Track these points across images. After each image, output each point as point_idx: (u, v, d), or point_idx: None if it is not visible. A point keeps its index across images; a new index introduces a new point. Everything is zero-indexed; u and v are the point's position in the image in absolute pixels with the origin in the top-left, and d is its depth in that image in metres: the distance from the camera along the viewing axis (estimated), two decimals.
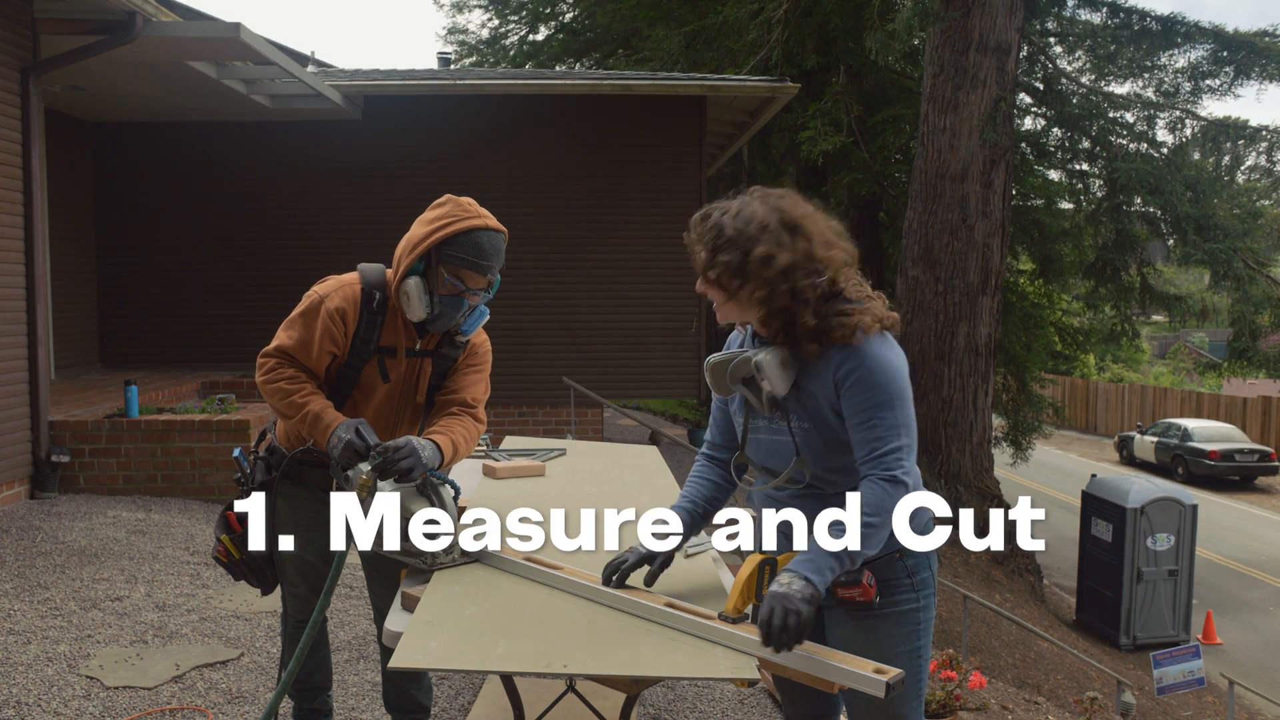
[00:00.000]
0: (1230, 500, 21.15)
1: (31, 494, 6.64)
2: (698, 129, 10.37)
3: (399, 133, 10.15)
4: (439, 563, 2.43)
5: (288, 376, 2.66)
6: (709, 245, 2.09)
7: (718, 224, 2.09)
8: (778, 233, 2.05)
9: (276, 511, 2.88)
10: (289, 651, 3.11)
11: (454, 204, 2.69)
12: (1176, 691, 7.34)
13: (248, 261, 10.27)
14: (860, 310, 2.08)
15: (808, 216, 2.10)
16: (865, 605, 2.16)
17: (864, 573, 2.14)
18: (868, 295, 2.14)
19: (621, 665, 1.98)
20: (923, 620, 2.25)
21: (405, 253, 2.68)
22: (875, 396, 2.06)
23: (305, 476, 2.84)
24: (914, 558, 2.23)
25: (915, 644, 2.24)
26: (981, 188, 11.92)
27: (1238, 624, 13.61)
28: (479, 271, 2.65)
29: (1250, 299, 12.07)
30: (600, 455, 4.08)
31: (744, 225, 2.06)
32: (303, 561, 2.91)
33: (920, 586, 2.24)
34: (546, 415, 10.32)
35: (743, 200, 2.11)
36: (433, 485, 2.52)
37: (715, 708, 3.95)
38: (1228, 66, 12.61)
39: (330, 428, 2.58)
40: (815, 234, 2.09)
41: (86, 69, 7.62)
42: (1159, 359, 42.44)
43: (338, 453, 2.52)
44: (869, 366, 2.06)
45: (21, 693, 3.67)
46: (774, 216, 2.06)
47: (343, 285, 2.75)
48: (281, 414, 2.69)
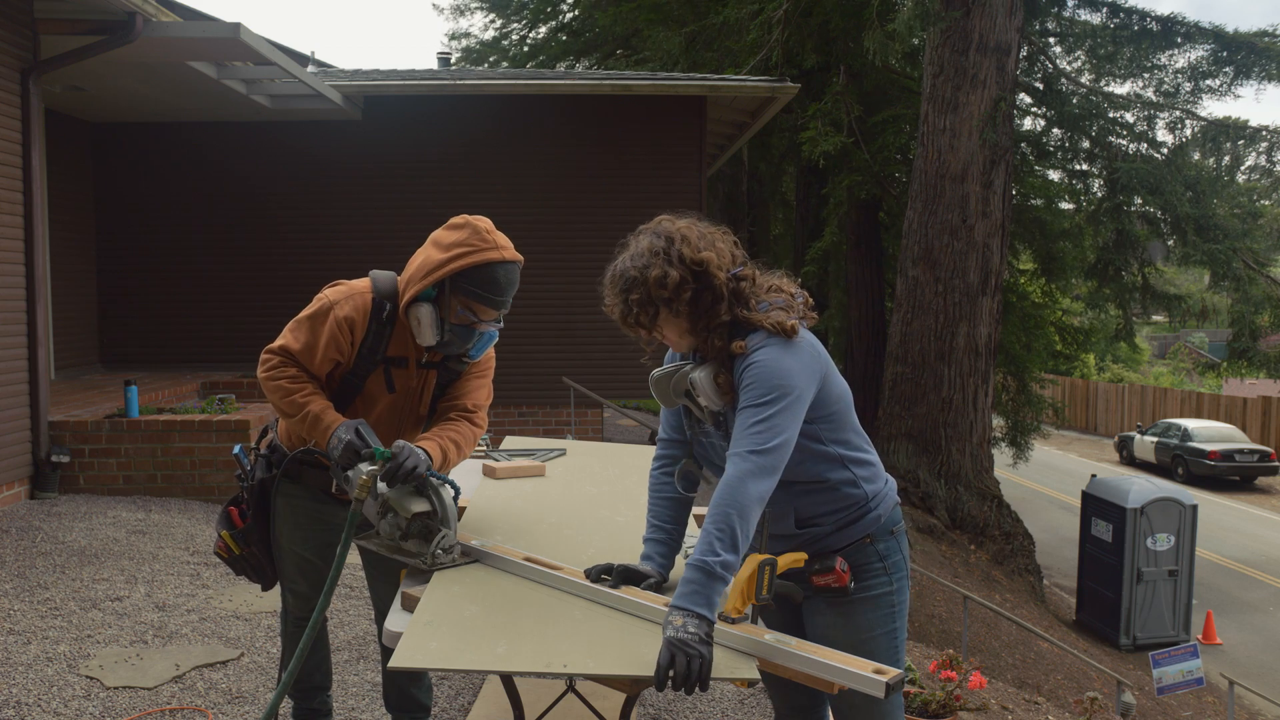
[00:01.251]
0: (1230, 500, 21.15)
1: (31, 494, 6.64)
2: (698, 129, 10.37)
3: (399, 133, 10.15)
4: (439, 563, 2.43)
5: (289, 376, 2.65)
6: (621, 292, 2.19)
7: (620, 270, 2.20)
8: (663, 253, 2.15)
9: (276, 509, 2.88)
10: (289, 650, 3.12)
11: (472, 230, 2.60)
12: (1176, 691, 7.33)
13: (248, 262, 10.27)
14: (761, 316, 2.17)
15: (684, 228, 2.20)
16: (840, 591, 2.22)
17: (836, 559, 2.21)
18: (772, 301, 2.21)
19: (621, 665, 1.98)
20: (897, 603, 2.31)
21: (419, 276, 2.61)
22: (753, 395, 2.11)
23: (306, 476, 2.84)
24: (884, 541, 2.30)
25: (891, 626, 2.29)
26: (981, 188, 11.93)
27: (1238, 624, 13.61)
28: (493, 306, 2.61)
29: (1250, 299, 12.08)
30: (600, 455, 4.08)
31: (637, 259, 2.17)
32: (302, 559, 2.91)
33: (893, 570, 2.30)
34: (546, 415, 10.32)
35: (634, 239, 2.23)
36: (433, 486, 2.51)
37: (715, 708, 3.96)
38: (1227, 67, 12.62)
39: (330, 428, 2.57)
40: (691, 240, 2.18)
41: (86, 69, 7.62)
42: (1159, 359, 42.44)
43: (338, 453, 2.52)
44: (755, 368, 2.13)
45: (21, 693, 3.67)
46: (657, 241, 2.18)
47: (354, 293, 2.70)
48: (282, 412, 2.69)
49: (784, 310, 2.19)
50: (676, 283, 2.13)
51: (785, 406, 2.08)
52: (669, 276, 2.13)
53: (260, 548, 2.91)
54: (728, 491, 2.03)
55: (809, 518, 2.27)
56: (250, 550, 2.91)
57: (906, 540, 2.39)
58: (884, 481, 2.35)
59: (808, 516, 2.27)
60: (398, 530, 2.51)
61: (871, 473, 2.31)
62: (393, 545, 2.55)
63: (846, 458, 2.26)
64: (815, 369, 2.18)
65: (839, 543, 2.27)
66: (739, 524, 2.00)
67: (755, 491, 2.03)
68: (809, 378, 2.16)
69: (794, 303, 2.24)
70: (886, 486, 2.35)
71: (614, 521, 2.97)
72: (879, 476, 2.33)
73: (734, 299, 2.19)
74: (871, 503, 2.28)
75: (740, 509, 2.01)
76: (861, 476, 2.27)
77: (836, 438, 2.25)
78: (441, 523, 2.49)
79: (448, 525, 2.48)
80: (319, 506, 2.86)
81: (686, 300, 2.15)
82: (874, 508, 2.29)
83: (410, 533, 2.51)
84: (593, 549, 2.64)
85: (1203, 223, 11.95)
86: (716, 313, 2.17)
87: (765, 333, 2.16)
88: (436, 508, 2.50)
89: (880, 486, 2.32)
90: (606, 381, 10.31)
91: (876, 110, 14.60)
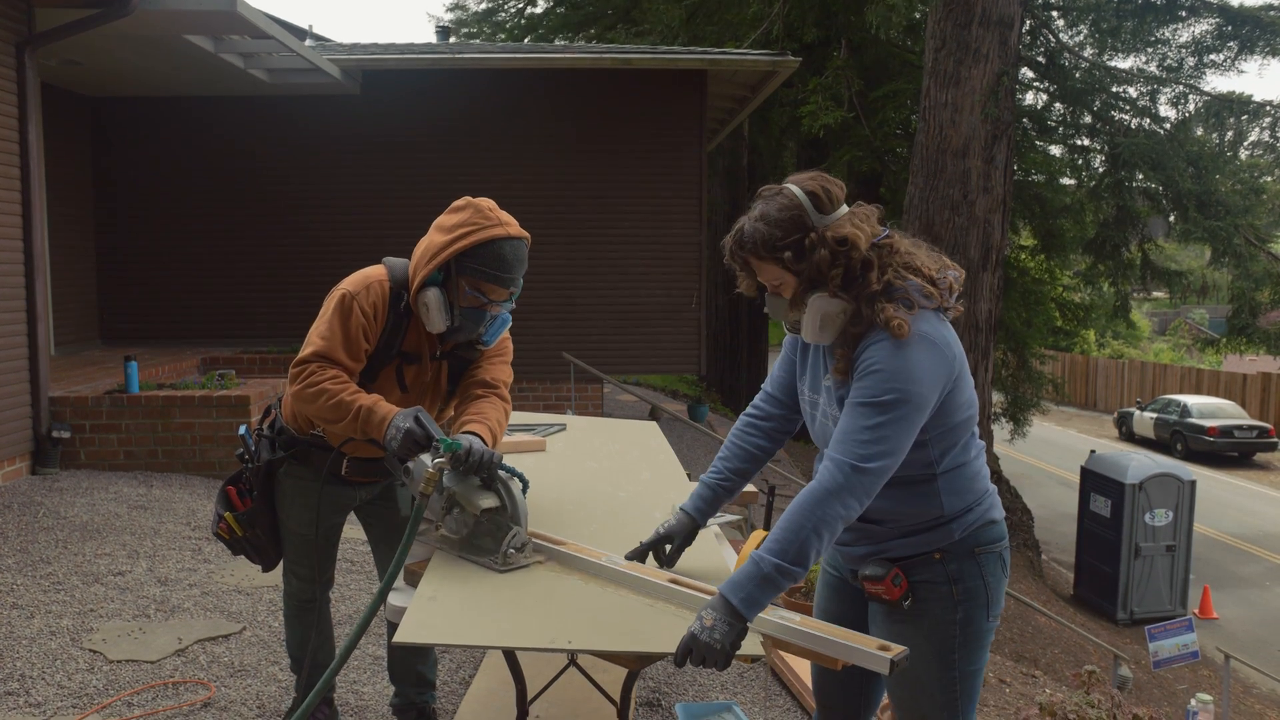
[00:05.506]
0: (1228, 476, 21.21)
1: (33, 470, 6.65)
2: (698, 103, 10.31)
3: (398, 107, 10.09)
4: (511, 563, 2.26)
5: (329, 377, 2.48)
6: (768, 235, 1.99)
7: (763, 214, 2.01)
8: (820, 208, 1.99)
9: (283, 491, 2.84)
10: (294, 632, 3.10)
11: (474, 210, 2.52)
12: (1172, 665, 7.38)
13: (247, 237, 10.23)
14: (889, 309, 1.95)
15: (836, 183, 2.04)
16: (893, 605, 2.05)
17: (892, 570, 2.03)
18: (908, 285, 1.99)
19: (625, 641, 1.99)
20: (963, 636, 2.04)
21: (423, 262, 2.51)
22: (867, 391, 1.93)
23: (314, 459, 2.77)
24: (960, 562, 2.04)
25: (949, 658, 2.05)
26: (983, 163, 11.87)
27: (1234, 599, 13.68)
28: (501, 284, 2.50)
29: (1250, 276, 12.05)
30: (601, 431, 4.09)
31: (785, 210, 1.99)
32: (305, 540, 2.89)
33: (964, 597, 2.04)
34: (546, 391, 10.33)
35: (767, 194, 2.05)
36: (501, 479, 2.34)
37: (715, 680, 3.98)
38: (1232, 41, 12.51)
39: (386, 420, 2.42)
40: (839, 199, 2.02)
41: (83, 43, 7.56)
42: (1159, 335, 42.41)
43: (396, 444, 2.36)
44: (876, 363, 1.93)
45: (25, 666, 3.70)
46: (805, 199, 2.00)
47: (371, 281, 2.57)
48: (327, 419, 2.50)
49: (915, 300, 1.96)
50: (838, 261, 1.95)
51: (901, 416, 1.88)
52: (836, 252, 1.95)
53: (265, 529, 2.86)
54: (812, 504, 1.87)
55: (870, 512, 2.03)
56: (254, 533, 2.85)
57: (1001, 568, 2.09)
58: (976, 499, 2.08)
59: (869, 510, 2.03)
60: (464, 528, 2.34)
61: (959, 486, 2.06)
62: (460, 544, 2.37)
63: (944, 465, 2.04)
64: (945, 373, 1.95)
65: (900, 551, 2.07)
66: (812, 542, 1.85)
67: (840, 512, 1.87)
68: (934, 382, 1.93)
69: (933, 290, 1.98)
70: (979, 505, 2.08)
71: (615, 497, 2.97)
72: (969, 492, 2.07)
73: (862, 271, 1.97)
74: (947, 516, 2.04)
75: (816, 528, 1.86)
76: (944, 488, 2.04)
77: (943, 445, 2.02)
78: (511, 519, 2.31)
79: (518, 522, 2.31)
80: (326, 488, 2.79)
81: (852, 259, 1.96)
82: (949, 522, 2.05)
83: (478, 530, 2.34)
84: (595, 524, 2.64)
85: (1204, 199, 11.89)
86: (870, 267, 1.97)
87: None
88: (506, 503, 2.33)
89: (967, 503, 2.06)
90: (607, 357, 10.31)
91: (878, 85, 14.51)
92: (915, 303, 1.95)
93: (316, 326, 2.55)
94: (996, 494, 2.14)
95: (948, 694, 2.07)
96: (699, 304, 10.48)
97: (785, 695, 3.96)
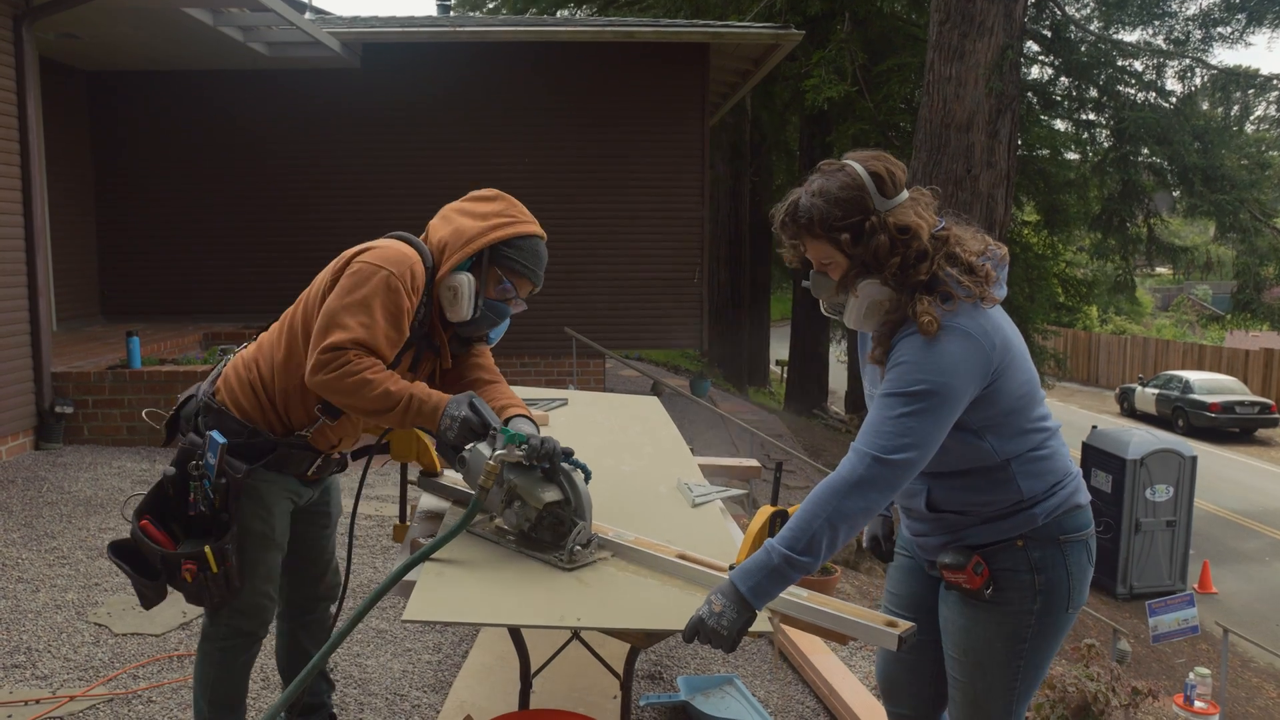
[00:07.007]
0: (1230, 452, 21.22)
1: (36, 445, 6.66)
2: (700, 77, 10.24)
3: (398, 81, 10.02)
4: (577, 559, 2.15)
5: (368, 366, 2.24)
6: (826, 213, 1.93)
7: (822, 190, 1.93)
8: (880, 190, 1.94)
9: (257, 500, 2.43)
10: (235, 680, 2.58)
11: (508, 202, 2.41)
12: (1171, 639, 7.40)
13: (248, 211, 10.20)
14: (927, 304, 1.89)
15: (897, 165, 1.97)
16: (973, 593, 1.98)
17: (973, 557, 1.96)
18: (947, 275, 1.92)
19: (633, 618, 1.99)
20: (1039, 627, 1.98)
21: (458, 245, 2.35)
22: (896, 381, 1.87)
23: (290, 466, 2.48)
24: (1044, 550, 1.97)
25: (1018, 647, 1.99)
26: (987, 138, 11.79)
27: (1234, 574, 13.73)
28: (533, 280, 2.42)
29: (1256, 251, 12.02)
30: (603, 406, 4.08)
31: (847, 189, 1.93)
32: (279, 553, 2.53)
33: (1045, 588, 1.97)
34: (549, 366, 10.32)
35: (827, 170, 1.98)
36: (563, 470, 2.20)
37: (716, 654, 3.99)
38: (1240, 13, 12.41)
39: (439, 409, 2.24)
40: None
41: (80, 16, 7.49)
42: (1162, 311, 42.33)
43: (453, 434, 2.22)
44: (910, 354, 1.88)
45: (32, 639, 3.72)
46: (867, 180, 1.93)
47: (412, 262, 2.32)
48: (369, 409, 2.26)
49: (954, 294, 1.89)
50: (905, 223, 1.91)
51: (930, 408, 1.81)
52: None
53: (236, 553, 2.38)
54: (828, 495, 1.82)
55: (944, 503, 2.01)
56: (230, 563, 2.36)
57: (1087, 557, 2.01)
58: (1058, 481, 2.00)
59: (943, 501, 2.02)
60: (525, 521, 2.21)
61: (1037, 469, 1.97)
62: (519, 539, 2.25)
63: (1008, 452, 1.96)
64: (981, 365, 1.86)
65: (980, 538, 2.00)
66: (823, 535, 1.79)
67: (860, 505, 1.81)
68: (970, 376, 1.85)
69: (969, 283, 1.91)
70: (1061, 488, 2.00)
71: (619, 471, 2.97)
72: (1050, 473, 1.99)
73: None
74: (1028, 500, 1.96)
75: (830, 520, 1.80)
76: (1019, 472, 1.96)
77: (1001, 435, 1.95)
78: (575, 514, 2.19)
79: (582, 517, 2.18)
80: (296, 490, 2.54)
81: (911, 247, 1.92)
82: (1031, 506, 1.97)
83: (539, 524, 2.22)
84: (598, 499, 2.63)
85: (1210, 173, 11.83)
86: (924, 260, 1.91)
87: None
88: (570, 496, 2.20)
89: (1046, 486, 1.98)
90: (609, 332, 10.30)
91: (881, 58, 14.39)
92: (954, 295, 1.89)
93: (351, 310, 2.26)
94: (1080, 476, 2.05)
95: (1008, 681, 2.02)
96: (701, 279, 10.45)
97: (786, 668, 3.98)
